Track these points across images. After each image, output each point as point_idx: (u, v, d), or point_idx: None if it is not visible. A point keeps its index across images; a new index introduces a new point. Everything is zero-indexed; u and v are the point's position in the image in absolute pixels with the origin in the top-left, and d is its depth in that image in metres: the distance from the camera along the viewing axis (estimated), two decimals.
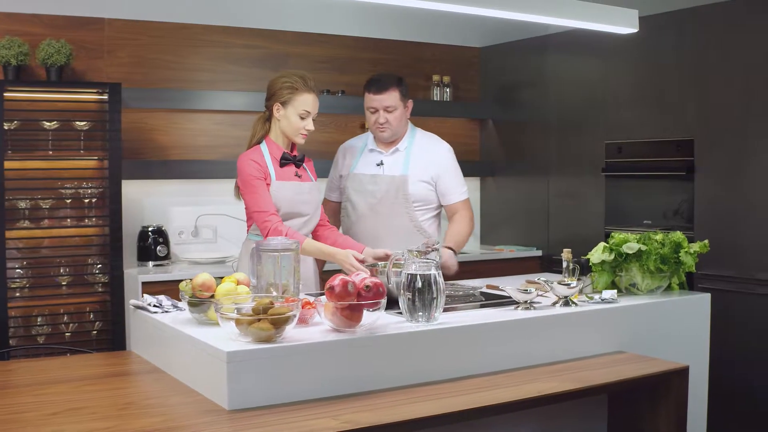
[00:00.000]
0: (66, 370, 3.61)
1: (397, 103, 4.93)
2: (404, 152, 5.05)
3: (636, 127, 6.29)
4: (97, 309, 5.71)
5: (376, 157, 5.07)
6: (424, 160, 5.04)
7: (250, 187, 4.47)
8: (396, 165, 5.03)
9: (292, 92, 4.50)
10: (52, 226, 5.62)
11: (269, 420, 2.84)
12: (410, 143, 5.07)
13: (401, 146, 5.06)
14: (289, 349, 3.08)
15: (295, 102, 4.51)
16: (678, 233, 4.24)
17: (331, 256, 4.43)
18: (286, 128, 4.56)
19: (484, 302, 4.06)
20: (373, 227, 4.98)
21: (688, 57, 5.89)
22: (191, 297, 3.49)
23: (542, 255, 7.15)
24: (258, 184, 4.45)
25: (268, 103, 4.59)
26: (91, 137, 5.68)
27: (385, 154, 5.06)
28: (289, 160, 4.60)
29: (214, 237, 6.54)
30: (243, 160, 4.52)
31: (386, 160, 5.05)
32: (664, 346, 3.97)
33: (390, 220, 4.96)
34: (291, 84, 4.50)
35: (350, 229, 5.08)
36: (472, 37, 7.70)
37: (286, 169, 4.59)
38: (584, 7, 4.79)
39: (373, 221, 5.00)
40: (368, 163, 5.09)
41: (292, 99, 4.51)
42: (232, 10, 6.55)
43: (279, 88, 4.52)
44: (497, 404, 3.10)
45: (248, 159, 4.50)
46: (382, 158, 5.05)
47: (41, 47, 5.57)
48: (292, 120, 4.53)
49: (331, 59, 7.05)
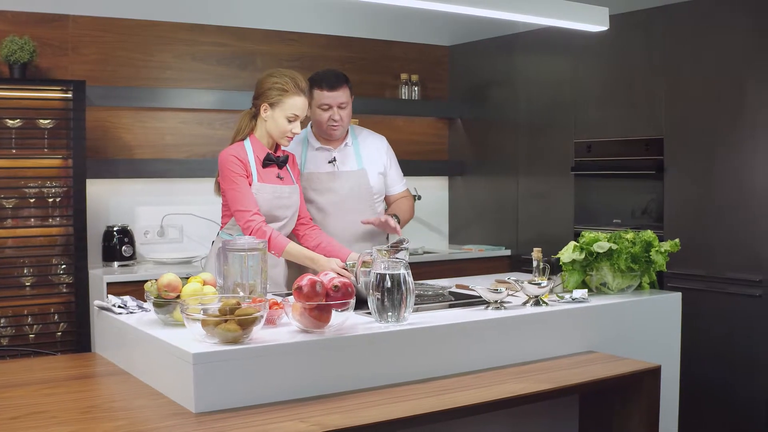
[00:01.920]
0: (28, 373, 3.56)
1: (348, 100, 4.93)
2: (353, 147, 5.05)
3: (605, 126, 6.28)
4: (62, 310, 5.65)
5: (326, 155, 5.02)
6: (372, 153, 5.08)
7: (232, 184, 4.39)
8: (348, 160, 5.02)
9: (281, 94, 4.42)
10: (15, 225, 5.55)
11: (236, 423, 2.80)
12: (355, 138, 5.09)
13: (349, 141, 5.05)
14: (257, 350, 3.04)
15: (284, 105, 4.43)
16: (649, 232, 4.24)
17: (314, 262, 4.36)
18: (272, 130, 4.49)
19: (454, 302, 4.03)
20: (340, 223, 4.94)
21: (658, 55, 5.89)
22: (157, 298, 3.44)
23: (511, 254, 7.14)
24: (240, 181, 4.38)
25: (255, 102, 4.51)
26: (55, 135, 5.61)
27: (335, 151, 5.02)
28: (272, 161, 4.54)
29: (180, 237, 6.49)
30: (225, 156, 4.43)
31: (338, 156, 5.02)
32: (635, 346, 3.96)
33: (356, 215, 4.92)
34: (281, 85, 4.42)
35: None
36: (440, 35, 7.68)
37: (268, 170, 4.53)
38: (554, 5, 4.77)
39: (341, 219, 4.95)
40: (318, 161, 5.03)
41: (281, 101, 4.43)
42: (199, 8, 6.50)
43: (268, 88, 4.44)
44: (468, 405, 3.07)
45: (231, 155, 4.42)
46: (333, 155, 5.02)
47: (4, 44, 5.50)
48: (279, 122, 4.45)
49: (299, 57, 7.00)
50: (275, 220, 4.51)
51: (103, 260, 6.05)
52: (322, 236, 4.70)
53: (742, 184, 5.39)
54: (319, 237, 4.69)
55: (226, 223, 4.56)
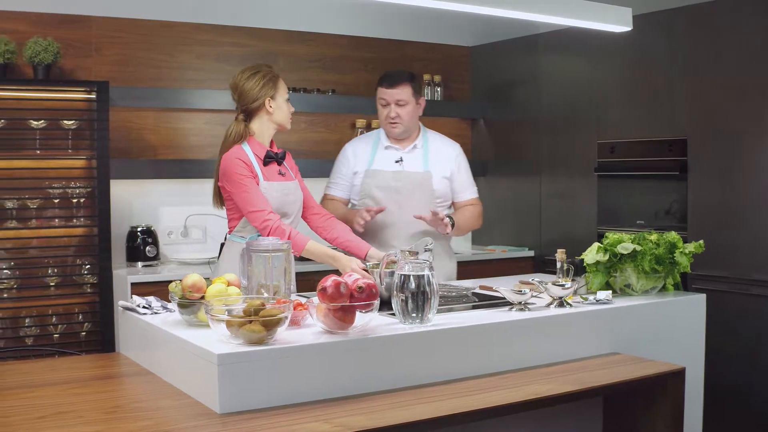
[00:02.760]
0: (53, 373, 3.57)
1: (409, 99, 4.97)
2: (422, 149, 5.09)
3: (628, 127, 6.26)
4: (86, 310, 5.67)
5: (394, 154, 5.09)
6: (441, 157, 5.09)
7: (240, 187, 4.39)
8: (416, 162, 5.06)
9: (274, 82, 4.51)
10: (40, 226, 5.57)
11: (261, 424, 2.81)
12: (425, 141, 5.11)
13: (418, 143, 5.10)
14: (281, 351, 3.04)
15: (280, 89, 4.53)
16: (673, 233, 4.22)
17: (335, 260, 4.36)
18: (281, 118, 4.55)
19: (478, 303, 4.03)
20: (397, 223, 4.98)
21: (680, 56, 5.86)
22: (181, 298, 3.45)
23: (534, 255, 7.12)
24: (249, 182, 4.38)
25: (253, 105, 4.50)
26: (79, 136, 5.64)
27: (404, 151, 5.09)
28: (273, 158, 4.55)
29: (203, 237, 6.50)
30: (230, 160, 4.43)
31: (405, 157, 5.07)
32: (659, 347, 3.94)
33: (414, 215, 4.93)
34: (269, 76, 4.50)
35: (371, 225, 5.03)
36: (462, 35, 7.67)
37: (270, 168, 4.54)
38: (578, 5, 4.76)
39: (398, 217, 4.99)
40: (386, 159, 5.10)
41: (277, 87, 4.52)
42: (221, 9, 6.51)
43: (261, 86, 4.47)
44: (492, 407, 3.07)
45: (235, 158, 4.42)
46: (401, 155, 5.07)
47: (28, 45, 5.52)
48: (283, 107, 4.55)
49: (320, 58, 7.01)
50: (285, 217, 4.52)
51: (127, 260, 6.06)
52: (337, 228, 4.72)
53: (766, 184, 5.36)
54: (335, 229, 4.71)
55: (235, 227, 4.56)
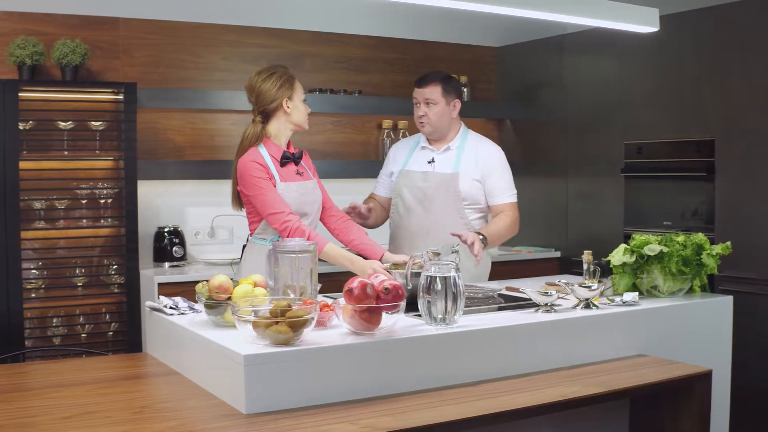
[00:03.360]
0: (80, 373, 3.59)
1: (438, 99, 4.98)
2: (455, 151, 5.07)
3: (655, 128, 6.24)
4: (113, 310, 5.69)
5: (427, 155, 5.11)
6: (474, 159, 5.06)
7: (258, 189, 4.40)
8: (447, 163, 5.06)
9: (290, 82, 4.53)
10: (67, 226, 5.60)
11: (287, 424, 2.81)
12: (462, 143, 5.10)
13: (453, 145, 5.10)
14: (307, 352, 3.05)
15: (297, 89, 4.56)
16: (700, 235, 4.20)
17: (353, 264, 4.36)
18: (299, 118, 4.57)
19: (504, 305, 4.02)
20: (423, 223, 4.98)
21: (707, 56, 5.84)
22: (208, 299, 3.46)
23: (561, 256, 7.11)
24: (266, 185, 4.40)
25: (270, 107, 4.51)
26: (107, 137, 5.66)
27: (437, 152, 5.10)
28: (289, 159, 4.56)
29: (230, 238, 6.52)
30: (245, 163, 4.45)
31: (437, 158, 5.08)
32: (686, 349, 3.94)
33: (440, 217, 4.96)
34: (285, 77, 4.52)
35: (400, 225, 5.10)
36: (488, 36, 7.66)
37: (288, 169, 4.55)
38: (604, 6, 4.75)
39: (424, 217, 5.01)
40: (419, 160, 5.12)
41: (293, 88, 4.54)
42: (248, 10, 6.53)
43: (278, 87, 4.49)
44: (518, 409, 3.07)
45: (250, 161, 4.44)
46: (434, 156, 5.09)
47: (56, 47, 5.55)
48: (300, 107, 4.57)
49: (347, 59, 7.02)
50: (304, 216, 4.53)
51: (154, 261, 6.09)
52: (353, 230, 4.73)
53: None
54: (351, 231, 4.73)
55: (255, 229, 4.58)
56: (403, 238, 5.05)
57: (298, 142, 4.81)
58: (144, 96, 5.91)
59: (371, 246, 4.61)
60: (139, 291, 5.67)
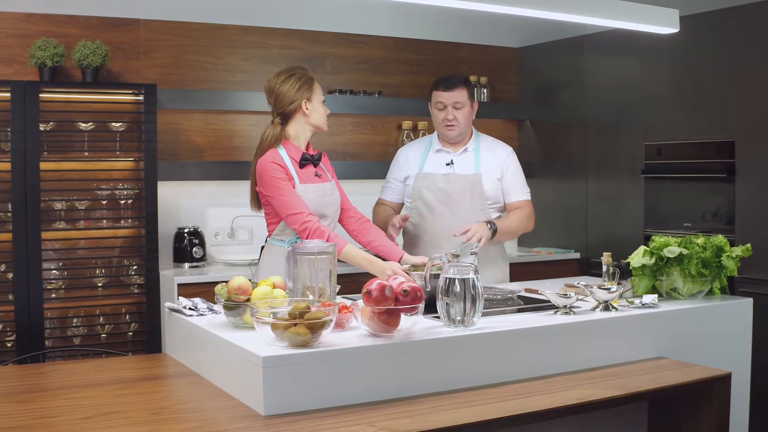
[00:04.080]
0: (100, 373, 3.60)
1: (465, 101, 5.00)
2: (473, 152, 5.09)
3: (675, 129, 6.22)
4: (133, 310, 5.72)
5: (444, 157, 5.11)
6: (492, 159, 5.09)
7: (277, 190, 4.41)
8: (466, 164, 5.07)
9: (309, 84, 4.54)
10: (88, 227, 5.63)
11: (305, 426, 2.82)
12: (477, 144, 5.12)
13: (469, 146, 5.11)
14: (326, 354, 3.05)
15: (316, 91, 4.56)
16: (720, 237, 4.19)
17: (371, 265, 4.37)
18: (318, 120, 4.57)
19: (523, 306, 4.02)
20: (448, 226, 4.95)
21: (728, 57, 5.82)
22: (227, 300, 3.47)
23: (580, 257, 7.09)
24: (285, 186, 4.41)
25: (289, 108, 4.52)
26: (127, 138, 5.69)
27: (454, 154, 5.10)
28: (308, 160, 4.57)
29: (249, 238, 6.53)
30: (264, 164, 4.46)
31: (456, 160, 5.08)
32: (705, 352, 3.92)
33: (465, 217, 4.95)
34: (304, 78, 4.53)
35: (422, 227, 5.08)
36: (508, 37, 7.65)
37: (307, 171, 4.56)
38: (624, 7, 4.74)
39: (449, 220, 4.99)
40: (437, 162, 5.12)
41: (313, 89, 4.54)
42: (268, 11, 6.54)
43: (297, 88, 4.50)
44: (537, 411, 3.06)
45: (270, 163, 4.45)
46: (452, 158, 5.09)
47: (77, 48, 5.58)
48: (319, 108, 4.56)
49: (367, 60, 7.03)
50: (323, 218, 4.54)
51: (174, 261, 6.11)
52: (372, 232, 4.73)
53: None
54: (370, 233, 4.72)
55: (274, 230, 4.59)
56: (426, 240, 5.04)
57: (317, 143, 4.83)
58: (164, 97, 5.94)
59: (390, 247, 4.61)
60: (158, 291, 5.69)
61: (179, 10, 6.24)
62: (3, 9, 5.73)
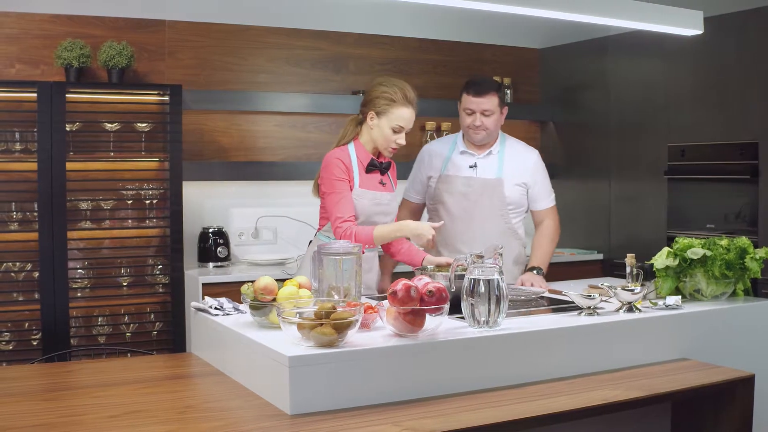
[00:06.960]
0: (126, 372, 3.63)
1: (495, 108, 4.93)
2: (497, 156, 5.05)
3: (699, 130, 6.21)
4: (158, 310, 5.75)
5: (468, 159, 5.06)
6: (517, 164, 5.06)
7: (333, 188, 4.39)
8: (490, 168, 5.03)
9: (389, 104, 4.43)
10: (113, 226, 5.67)
11: (331, 425, 2.83)
12: (502, 147, 5.08)
13: (494, 150, 5.06)
14: (351, 354, 3.07)
15: (391, 115, 4.43)
16: (743, 238, 4.18)
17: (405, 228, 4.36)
18: (377, 139, 4.49)
19: (547, 307, 4.03)
20: (467, 229, 4.97)
21: (751, 58, 5.81)
22: (253, 300, 3.49)
23: (603, 258, 7.09)
24: (341, 186, 4.38)
25: (363, 109, 4.52)
26: (152, 139, 5.72)
27: (478, 157, 5.05)
28: (375, 167, 4.54)
29: (274, 238, 6.55)
30: (330, 160, 4.43)
31: (479, 163, 5.04)
32: (728, 354, 3.91)
33: (484, 222, 4.96)
34: (389, 95, 4.43)
35: (441, 230, 4.98)
36: (531, 38, 7.65)
37: (371, 176, 4.53)
38: (648, 9, 4.74)
39: (468, 223, 4.99)
40: (460, 164, 5.07)
41: (388, 111, 4.43)
42: (293, 12, 6.56)
43: (376, 96, 4.45)
44: (561, 412, 3.07)
45: (335, 158, 4.42)
46: (476, 160, 5.05)
47: (103, 49, 5.62)
48: (385, 132, 4.45)
49: (391, 61, 7.04)
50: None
51: (199, 261, 6.14)
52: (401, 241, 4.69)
53: None
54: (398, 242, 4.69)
55: (324, 225, 4.56)
56: (445, 243, 5.01)
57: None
58: (189, 98, 5.97)
59: (410, 250, 4.62)
60: (183, 291, 5.73)
61: (204, 11, 6.27)
62: (29, 10, 5.77)
